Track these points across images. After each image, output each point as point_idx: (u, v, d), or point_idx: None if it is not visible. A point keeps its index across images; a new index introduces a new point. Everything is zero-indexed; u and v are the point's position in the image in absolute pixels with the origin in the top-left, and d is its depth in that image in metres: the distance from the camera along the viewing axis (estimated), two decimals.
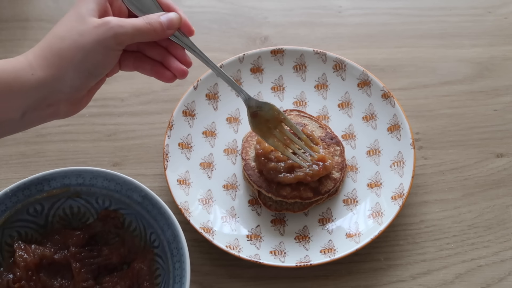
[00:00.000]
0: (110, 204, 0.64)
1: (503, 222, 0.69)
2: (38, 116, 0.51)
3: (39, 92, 0.49)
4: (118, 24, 0.50)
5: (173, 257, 0.60)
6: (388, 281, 0.66)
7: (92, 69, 0.51)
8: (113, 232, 0.65)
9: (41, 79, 0.49)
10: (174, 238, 0.60)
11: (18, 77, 0.48)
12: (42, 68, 0.49)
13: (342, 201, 0.70)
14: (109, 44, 0.50)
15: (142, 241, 0.64)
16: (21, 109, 0.49)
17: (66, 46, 0.49)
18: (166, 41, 0.56)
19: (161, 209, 0.61)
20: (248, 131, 0.72)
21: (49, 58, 0.49)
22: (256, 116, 0.63)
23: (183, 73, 0.55)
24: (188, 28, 0.56)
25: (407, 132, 0.70)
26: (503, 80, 0.78)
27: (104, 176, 0.63)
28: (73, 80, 0.50)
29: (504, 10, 0.84)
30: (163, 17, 0.53)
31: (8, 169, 0.73)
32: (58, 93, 0.50)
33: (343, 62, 0.75)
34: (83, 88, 0.52)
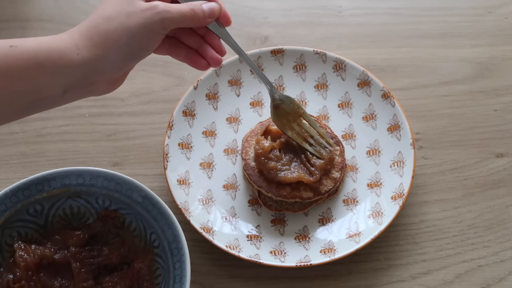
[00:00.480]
0: (110, 204, 0.64)
1: (503, 222, 0.69)
2: (78, 93, 0.52)
3: (82, 71, 0.50)
4: (165, 9, 0.51)
5: (173, 257, 0.60)
6: (388, 281, 0.66)
7: (136, 51, 0.52)
8: (113, 232, 0.65)
9: (86, 59, 0.49)
10: (174, 238, 0.60)
11: (64, 56, 0.49)
12: (87, 48, 0.49)
13: (342, 201, 0.70)
14: (155, 27, 0.51)
15: (142, 241, 0.64)
16: (63, 87, 0.50)
17: (113, 27, 0.50)
18: (203, 30, 0.57)
19: (161, 209, 0.61)
20: (248, 131, 0.72)
21: (95, 39, 0.50)
22: (278, 108, 0.66)
23: (218, 61, 0.57)
24: (226, 18, 0.57)
25: (407, 132, 0.70)
26: (503, 80, 0.78)
27: (104, 176, 0.63)
28: (116, 61, 0.51)
29: (504, 10, 0.84)
30: (205, 5, 0.54)
31: (8, 169, 0.73)
32: (100, 73, 0.51)
33: (343, 62, 0.75)
34: (124, 69, 0.53)
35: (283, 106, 0.66)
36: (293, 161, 0.67)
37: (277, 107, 0.66)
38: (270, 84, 0.64)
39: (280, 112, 0.66)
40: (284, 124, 0.67)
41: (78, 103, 0.76)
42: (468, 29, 0.82)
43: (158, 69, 0.79)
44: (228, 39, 0.58)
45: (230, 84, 0.75)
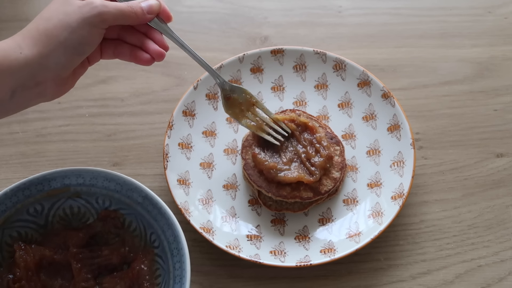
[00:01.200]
0: (110, 204, 0.64)
1: (503, 222, 0.69)
2: (26, 96, 0.53)
3: (28, 70, 0.51)
4: (102, 4, 0.53)
5: (173, 257, 0.60)
6: (388, 281, 0.66)
7: (78, 46, 0.53)
8: (113, 232, 0.65)
9: (29, 56, 0.51)
10: (174, 238, 0.60)
11: (7, 56, 0.50)
12: (29, 47, 0.51)
13: (342, 201, 0.70)
14: (94, 21, 0.52)
15: (142, 241, 0.64)
16: (11, 88, 0.51)
17: (52, 25, 0.52)
18: (145, 27, 0.59)
19: (161, 210, 0.61)
20: (248, 131, 0.72)
21: (36, 37, 0.52)
22: (229, 99, 0.66)
23: (160, 54, 0.58)
24: (166, 14, 0.59)
25: (407, 132, 0.70)
26: (503, 80, 0.78)
27: (104, 176, 0.63)
28: (59, 57, 0.52)
29: (504, 10, 0.84)
30: (144, 3, 0.56)
31: (8, 169, 0.73)
32: (46, 71, 0.52)
33: (343, 62, 0.75)
34: (69, 66, 0.54)
35: (235, 97, 0.66)
36: (293, 161, 0.67)
37: (228, 98, 0.66)
38: (219, 77, 0.65)
39: (232, 103, 0.66)
40: (237, 114, 0.66)
41: (78, 103, 0.77)
42: (468, 29, 0.82)
43: (158, 69, 0.79)
44: (170, 34, 0.59)
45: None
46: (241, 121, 0.66)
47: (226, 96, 0.66)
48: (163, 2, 0.58)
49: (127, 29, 0.58)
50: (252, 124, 0.67)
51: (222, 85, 0.65)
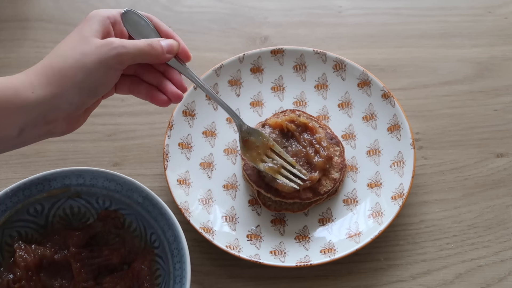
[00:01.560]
0: (111, 205, 0.64)
1: (503, 222, 0.69)
2: (35, 133, 0.51)
3: (39, 110, 0.49)
4: (121, 45, 0.51)
5: (173, 257, 0.60)
6: (388, 281, 0.66)
7: (93, 88, 0.52)
8: (113, 232, 0.65)
9: (41, 97, 0.49)
10: (174, 238, 0.60)
11: (18, 94, 0.48)
12: (42, 86, 0.49)
13: (342, 201, 0.70)
14: (111, 63, 0.51)
15: (143, 241, 0.64)
16: (20, 126, 0.49)
17: (69, 65, 0.50)
18: (163, 66, 0.57)
19: (161, 210, 0.61)
20: None
21: (51, 76, 0.50)
22: (247, 142, 0.66)
23: (178, 97, 0.57)
24: (185, 54, 0.58)
25: (407, 132, 0.70)
26: (503, 80, 0.78)
27: (104, 176, 0.63)
28: (73, 98, 0.51)
29: (504, 10, 0.84)
30: (164, 42, 0.55)
31: (8, 169, 0.73)
32: (57, 111, 0.51)
33: (343, 62, 0.75)
34: (82, 107, 0.52)
35: (252, 139, 0.65)
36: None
37: (245, 140, 0.65)
38: (238, 118, 0.65)
39: (249, 146, 0.66)
40: (254, 157, 0.66)
41: None
42: (468, 29, 0.82)
43: None
44: (189, 74, 0.59)
45: (230, 84, 0.75)
46: (259, 164, 0.65)
47: (244, 138, 0.65)
48: (182, 42, 0.57)
49: (145, 67, 0.57)
50: (270, 168, 0.66)
51: (240, 127, 0.65)
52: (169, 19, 0.83)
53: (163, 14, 0.83)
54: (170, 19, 0.83)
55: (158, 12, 0.83)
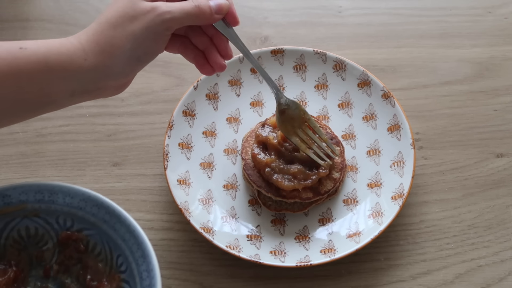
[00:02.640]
0: (73, 224, 0.57)
1: (503, 222, 0.69)
2: (85, 97, 0.52)
3: (90, 77, 0.50)
4: (167, 10, 0.51)
5: (142, 281, 0.53)
6: (388, 281, 0.66)
7: (142, 56, 0.52)
8: (74, 257, 0.58)
9: (93, 65, 0.50)
10: (144, 259, 0.54)
11: (72, 61, 0.49)
12: (94, 54, 0.50)
13: (342, 201, 0.70)
14: (158, 30, 0.51)
15: (108, 266, 0.57)
16: (72, 90, 0.50)
17: (118, 34, 0.50)
18: (212, 30, 0.57)
19: (130, 227, 0.55)
20: (248, 131, 0.72)
21: (102, 45, 0.50)
22: (283, 113, 0.65)
23: (222, 67, 0.57)
24: (234, 17, 0.56)
25: (407, 132, 0.70)
26: (503, 80, 0.78)
27: (66, 191, 0.56)
28: (123, 67, 0.51)
29: (504, 10, 0.84)
30: (213, 2, 0.54)
31: (8, 169, 0.73)
32: (108, 79, 0.51)
33: (343, 62, 0.75)
34: (132, 74, 0.54)
35: (289, 112, 0.65)
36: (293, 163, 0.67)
37: (282, 112, 0.65)
38: (276, 88, 0.64)
39: (285, 118, 0.65)
40: (289, 130, 0.66)
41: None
42: (468, 29, 0.82)
43: (158, 69, 0.79)
44: (236, 41, 0.58)
45: (230, 84, 0.75)
46: (292, 137, 0.65)
47: (281, 110, 0.64)
48: (233, 5, 0.56)
49: (194, 28, 0.57)
50: (302, 143, 0.66)
51: (278, 98, 0.64)
52: None
53: None
54: None
55: None
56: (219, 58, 0.57)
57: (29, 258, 0.58)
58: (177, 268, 0.67)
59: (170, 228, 0.69)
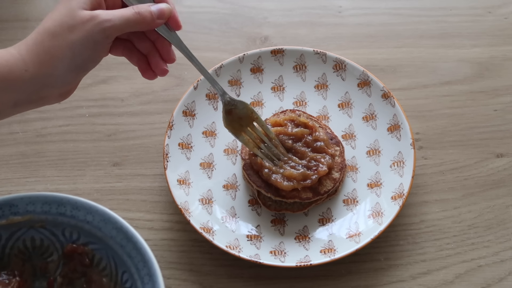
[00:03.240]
0: (79, 237, 0.57)
1: (503, 222, 0.69)
2: (28, 105, 0.52)
3: (32, 87, 0.50)
4: (106, 19, 0.50)
5: None
6: (388, 281, 0.66)
7: (82, 64, 0.52)
8: (79, 271, 0.57)
9: (34, 75, 0.50)
10: (150, 277, 0.53)
11: (13, 72, 0.49)
12: (34, 65, 0.50)
13: (342, 201, 0.70)
14: (98, 38, 0.50)
15: (113, 281, 0.57)
16: (14, 101, 0.50)
17: (57, 44, 0.50)
18: (154, 34, 0.57)
19: (137, 244, 0.54)
20: None
21: (41, 55, 0.50)
22: (230, 113, 0.64)
23: (162, 72, 0.57)
24: (175, 22, 0.56)
25: (407, 132, 0.70)
26: (503, 80, 0.78)
27: (73, 204, 0.56)
28: (64, 76, 0.51)
29: (504, 10, 0.84)
30: (154, 7, 0.53)
31: (8, 169, 0.73)
32: (50, 88, 0.51)
33: (343, 62, 0.75)
34: (74, 82, 0.53)
35: (236, 111, 0.64)
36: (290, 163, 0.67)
37: (229, 112, 0.64)
38: (222, 90, 0.63)
39: (232, 118, 0.64)
40: (236, 129, 0.65)
41: (78, 103, 0.77)
42: (468, 29, 0.82)
43: None
44: (179, 45, 0.57)
45: (230, 84, 0.75)
46: (239, 137, 0.65)
47: (228, 110, 0.64)
48: (174, 8, 0.56)
49: (137, 33, 0.56)
50: (250, 141, 0.65)
51: (224, 99, 0.63)
52: None
53: None
54: None
55: None
56: (161, 63, 0.56)
57: (33, 269, 0.58)
58: (177, 268, 0.67)
59: (170, 228, 0.69)
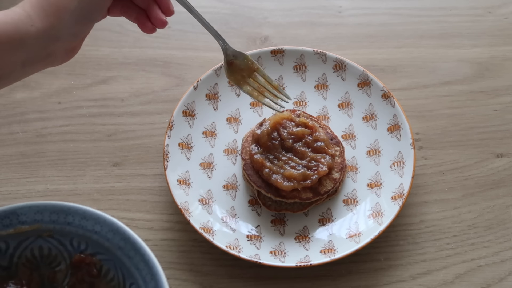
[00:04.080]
0: (86, 248, 0.56)
1: (503, 222, 0.69)
2: (37, 66, 0.52)
3: (40, 43, 0.50)
4: None
5: None
6: (388, 281, 0.66)
7: (88, 14, 0.52)
8: (86, 281, 0.57)
9: (41, 30, 0.49)
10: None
11: (19, 29, 0.48)
12: (41, 19, 0.49)
13: (342, 201, 0.70)
14: None
15: None
16: (22, 60, 0.50)
17: None
18: None
19: (145, 256, 0.53)
20: (248, 131, 0.72)
21: (47, 8, 0.50)
22: (231, 64, 0.65)
23: (162, 23, 0.58)
24: None
25: (407, 132, 0.70)
26: (503, 80, 0.78)
27: (82, 214, 0.55)
28: (70, 28, 0.51)
29: (504, 10, 0.84)
30: None
31: (8, 169, 0.73)
32: (57, 42, 0.51)
33: (343, 62, 0.75)
34: (80, 34, 0.53)
35: (237, 62, 0.65)
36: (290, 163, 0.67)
37: (230, 63, 0.65)
38: (223, 40, 0.64)
39: (234, 68, 0.65)
40: (239, 80, 0.65)
41: (78, 103, 0.77)
42: (468, 29, 0.82)
43: (158, 69, 0.79)
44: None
45: (230, 84, 0.75)
46: (243, 87, 0.65)
47: (229, 61, 0.64)
48: None
49: None
50: (254, 91, 0.66)
51: (225, 50, 0.64)
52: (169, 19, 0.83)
53: None
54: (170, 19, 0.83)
55: None
56: (160, 14, 0.57)
57: (40, 278, 0.58)
58: (177, 268, 0.67)
59: (170, 228, 0.69)
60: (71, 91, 0.78)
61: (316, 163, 0.67)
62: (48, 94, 0.77)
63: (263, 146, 0.67)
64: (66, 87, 0.78)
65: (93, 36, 0.81)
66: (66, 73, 0.79)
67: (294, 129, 0.68)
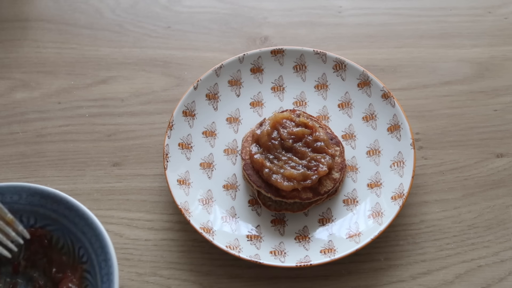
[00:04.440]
0: (36, 222, 0.60)
1: (503, 222, 0.69)
2: None
3: None
4: None
5: (101, 270, 0.57)
6: (388, 281, 0.66)
7: None
8: (40, 252, 0.61)
9: None
10: (102, 249, 0.57)
11: None
12: None
13: (342, 201, 0.70)
14: None
15: (71, 258, 0.60)
16: None
17: None
18: None
19: (88, 220, 0.58)
20: (248, 131, 0.72)
21: None
22: None
23: None
24: None
25: (407, 132, 0.70)
26: (503, 80, 0.78)
27: (27, 191, 0.59)
28: None
29: (504, 10, 0.84)
30: None
31: (8, 169, 0.73)
32: None
33: (343, 62, 0.75)
34: None
35: None
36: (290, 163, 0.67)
37: None
38: None
39: None
40: None
41: (78, 103, 0.77)
42: (468, 29, 0.82)
43: (158, 69, 0.79)
44: None
45: (230, 84, 0.75)
46: None
47: None
48: None
49: None
50: None
51: None
52: (169, 19, 0.83)
53: (163, 14, 0.83)
54: (170, 19, 0.83)
55: (158, 12, 0.83)
56: None
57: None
58: (177, 268, 0.67)
59: (170, 228, 0.69)
60: (71, 91, 0.78)
61: (316, 163, 0.67)
62: (48, 94, 0.77)
63: (263, 146, 0.67)
64: (66, 87, 0.78)
65: (93, 36, 0.82)
66: (66, 73, 0.79)
67: (294, 129, 0.68)
